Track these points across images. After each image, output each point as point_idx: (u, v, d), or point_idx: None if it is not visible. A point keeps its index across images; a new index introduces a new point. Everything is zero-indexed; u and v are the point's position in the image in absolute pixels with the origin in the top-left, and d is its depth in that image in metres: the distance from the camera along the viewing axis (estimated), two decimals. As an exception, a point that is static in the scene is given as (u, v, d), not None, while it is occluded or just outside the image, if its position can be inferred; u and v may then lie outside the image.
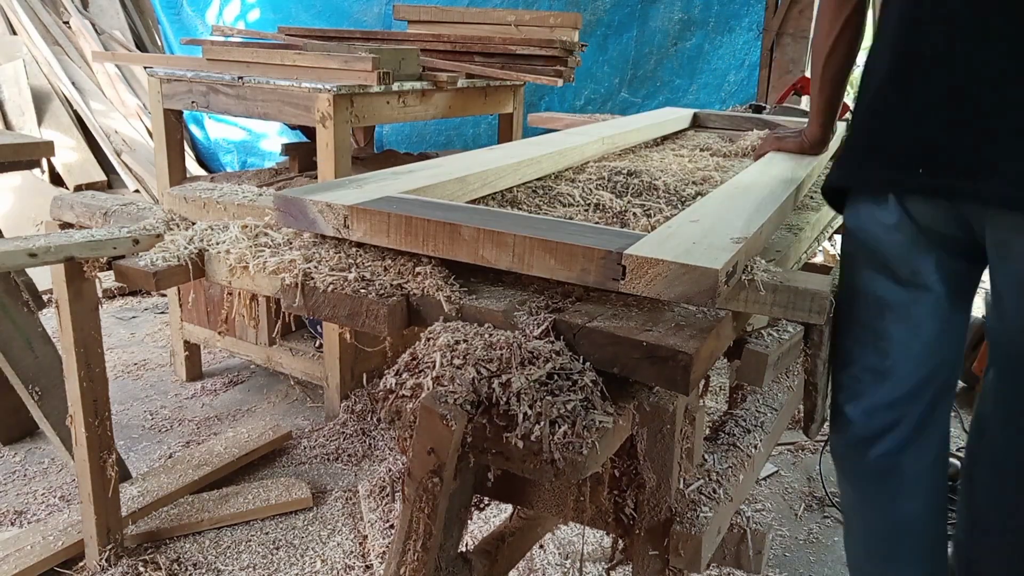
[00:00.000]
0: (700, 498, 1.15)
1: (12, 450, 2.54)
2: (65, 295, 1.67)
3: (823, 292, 1.06)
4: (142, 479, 2.23)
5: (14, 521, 2.16)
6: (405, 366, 0.97)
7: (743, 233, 1.11)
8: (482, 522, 2.14)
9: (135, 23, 5.50)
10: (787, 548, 2.20)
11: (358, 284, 1.12)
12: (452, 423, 0.87)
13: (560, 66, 3.04)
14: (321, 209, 1.22)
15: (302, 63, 2.53)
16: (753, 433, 1.41)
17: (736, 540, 1.19)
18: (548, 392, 0.90)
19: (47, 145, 2.37)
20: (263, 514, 2.19)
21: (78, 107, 4.77)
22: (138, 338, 3.51)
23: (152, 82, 2.80)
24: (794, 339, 1.21)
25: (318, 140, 2.48)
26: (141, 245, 1.49)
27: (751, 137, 2.27)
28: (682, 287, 0.97)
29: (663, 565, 1.14)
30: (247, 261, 1.26)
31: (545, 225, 1.13)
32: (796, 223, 1.54)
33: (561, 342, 0.98)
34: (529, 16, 3.24)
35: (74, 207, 1.74)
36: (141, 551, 2.01)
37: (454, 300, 1.07)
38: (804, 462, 2.65)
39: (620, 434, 0.98)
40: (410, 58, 2.68)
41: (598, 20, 4.44)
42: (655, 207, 1.51)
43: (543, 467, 0.86)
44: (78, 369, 1.73)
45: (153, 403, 2.90)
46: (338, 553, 2.06)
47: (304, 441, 2.62)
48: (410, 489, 0.97)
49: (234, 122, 5.09)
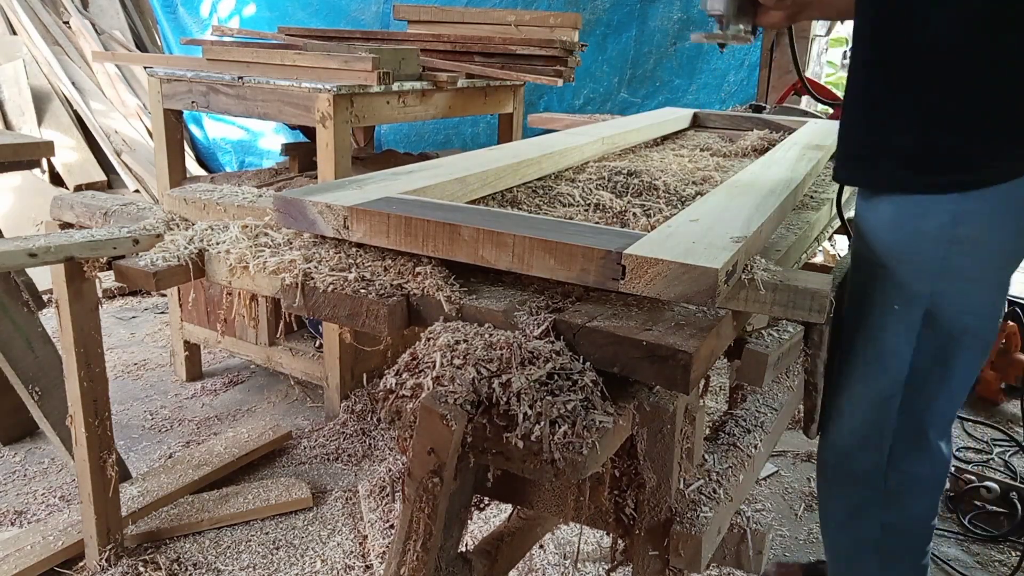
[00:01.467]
0: (700, 498, 1.16)
1: (12, 450, 2.54)
2: (65, 295, 1.67)
3: (823, 291, 1.06)
4: (142, 479, 2.23)
5: (14, 521, 2.16)
6: (405, 366, 0.97)
7: (743, 232, 1.11)
8: (482, 522, 2.14)
9: (135, 23, 5.50)
10: (787, 548, 2.20)
11: (358, 284, 1.12)
12: (452, 423, 0.87)
13: (560, 66, 3.04)
14: (321, 210, 1.22)
15: (302, 63, 2.53)
16: (753, 433, 1.41)
17: (736, 540, 1.19)
18: (548, 392, 0.90)
19: (47, 145, 2.37)
20: (263, 514, 2.19)
21: (78, 107, 4.77)
22: (138, 338, 3.51)
23: (152, 82, 2.80)
24: (794, 339, 1.21)
25: (318, 140, 2.48)
26: (141, 245, 1.49)
27: (751, 137, 2.27)
28: (682, 286, 0.97)
29: (663, 565, 1.14)
30: (247, 261, 1.26)
31: (545, 225, 1.13)
32: (796, 223, 1.54)
33: (561, 342, 0.98)
34: (529, 16, 3.24)
35: (74, 207, 1.74)
36: (141, 551, 2.01)
37: (454, 300, 1.07)
38: (804, 462, 2.65)
39: (620, 434, 0.98)
40: (410, 58, 2.68)
41: (597, 19, 4.44)
42: (655, 207, 1.51)
43: (543, 467, 0.86)
44: (78, 369, 1.73)
45: (153, 403, 2.90)
46: (338, 553, 2.06)
47: (304, 441, 2.62)
48: (410, 489, 0.97)
49: (232, 121, 5.09)
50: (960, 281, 1.25)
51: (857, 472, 1.42)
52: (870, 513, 1.44)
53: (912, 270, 1.26)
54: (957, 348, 1.28)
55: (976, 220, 1.21)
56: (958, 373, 1.32)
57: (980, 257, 1.23)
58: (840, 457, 1.44)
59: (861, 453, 1.40)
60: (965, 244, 1.22)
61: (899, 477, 1.39)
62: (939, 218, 1.22)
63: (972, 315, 1.27)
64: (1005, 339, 3.12)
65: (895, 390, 1.33)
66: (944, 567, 2.13)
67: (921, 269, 1.25)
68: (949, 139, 1.20)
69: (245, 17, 4.88)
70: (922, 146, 1.22)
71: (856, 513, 1.47)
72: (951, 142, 1.20)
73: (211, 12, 4.93)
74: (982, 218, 1.20)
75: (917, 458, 1.38)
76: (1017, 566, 2.12)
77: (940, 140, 1.20)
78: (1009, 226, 1.22)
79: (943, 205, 1.21)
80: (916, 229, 1.24)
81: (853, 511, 1.47)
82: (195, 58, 3.00)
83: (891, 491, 1.40)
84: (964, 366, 1.31)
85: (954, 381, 1.33)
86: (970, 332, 1.28)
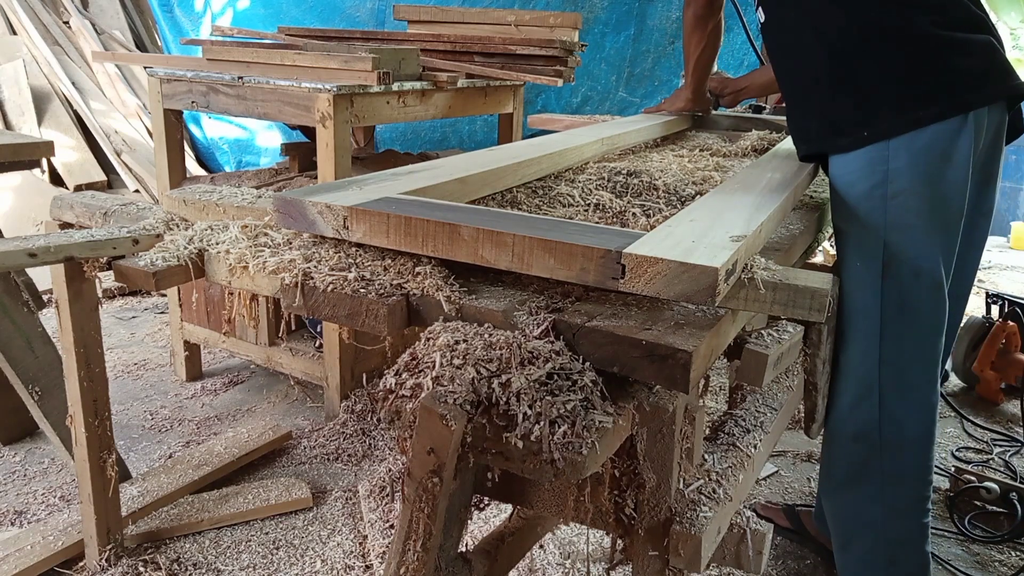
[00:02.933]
0: (700, 498, 1.16)
1: (12, 450, 2.54)
2: (65, 295, 1.67)
3: (823, 290, 1.06)
4: (142, 479, 2.23)
5: (14, 521, 2.17)
6: (405, 366, 0.97)
7: (743, 231, 1.11)
8: (482, 522, 2.14)
9: (135, 23, 5.50)
10: (787, 548, 2.20)
11: (358, 284, 1.12)
12: (452, 423, 0.87)
13: (560, 66, 3.04)
14: (320, 210, 1.22)
15: (302, 63, 2.53)
16: (753, 433, 1.41)
17: (736, 540, 1.19)
18: (548, 392, 0.90)
19: (47, 145, 2.37)
20: (263, 514, 2.19)
21: (78, 107, 4.77)
22: (138, 338, 3.51)
23: (152, 82, 2.80)
24: (794, 339, 1.21)
25: (318, 140, 2.48)
26: (141, 245, 1.49)
27: (751, 137, 2.27)
28: (682, 285, 0.97)
29: (663, 565, 1.14)
30: (247, 261, 1.26)
31: (544, 225, 1.13)
32: (796, 221, 1.54)
33: (561, 342, 0.98)
34: (529, 16, 3.24)
35: (74, 207, 1.74)
36: (141, 551, 2.01)
37: (454, 300, 1.07)
38: (804, 462, 2.65)
39: (620, 434, 0.98)
40: (410, 58, 2.68)
41: (595, 18, 4.44)
42: (655, 207, 1.51)
43: (543, 467, 0.86)
44: (78, 369, 1.73)
45: (153, 403, 2.90)
46: (338, 553, 2.06)
47: (304, 441, 2.62)
48: (410, 489, 0.97)
49: (230, 120, 5.09)
50: (904, 230, 1.42)
51: (854, 430, 1.54)
52: (870, 467, 1.56)
53: (862, 228, 1.44)
54: (918, 291, 1.44)
55: (898, 173, 1.40)
56: (924, 315, 1.46)
57: (911, 205, 1.41)
58: (838, 420, 1.55)
59: (855, 412, 1.52)
60: (898, 197, 1.40)
61: (891, 428, 1.51)
62: (872, 178, 1.41)
63: (924, 258, 1.43)
64: (1005, 339, 3.12)
65: (871, 345, 1.47)
66: (944, 567, 2.13)
67: (869, 225, 1.43)
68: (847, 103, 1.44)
69: (239, 11, 4.85)
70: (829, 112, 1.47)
71: (857, 471, 1.58)
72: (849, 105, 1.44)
73: (205, 6, 4.91)
74: (901, 170, 1.39)
75: (903, 405, 1.51)
76: (1022, 567, 2.12)
77: (841, 106, 1.45)
78: (921, 172, 1.40)
79: (873, 165, 1.41)
80: (855, 190, 1.44)
81: (853, 469, 1.58)
82: (195, 58, 3.00)
83: (887, 442, 1.53)
84: (928, 308, 1.46)
85: (922, 322, 1.47)
86: (924, 273, 1.44)
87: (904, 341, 1.47)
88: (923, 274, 1.44)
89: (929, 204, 1.42)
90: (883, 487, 1.56)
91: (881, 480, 1.56)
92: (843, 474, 1.61)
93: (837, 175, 1.49)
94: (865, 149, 1.42)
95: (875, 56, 1.42)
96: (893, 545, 1.60)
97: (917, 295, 1.45)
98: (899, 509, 1.58)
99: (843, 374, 1.51)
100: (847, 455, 1.58)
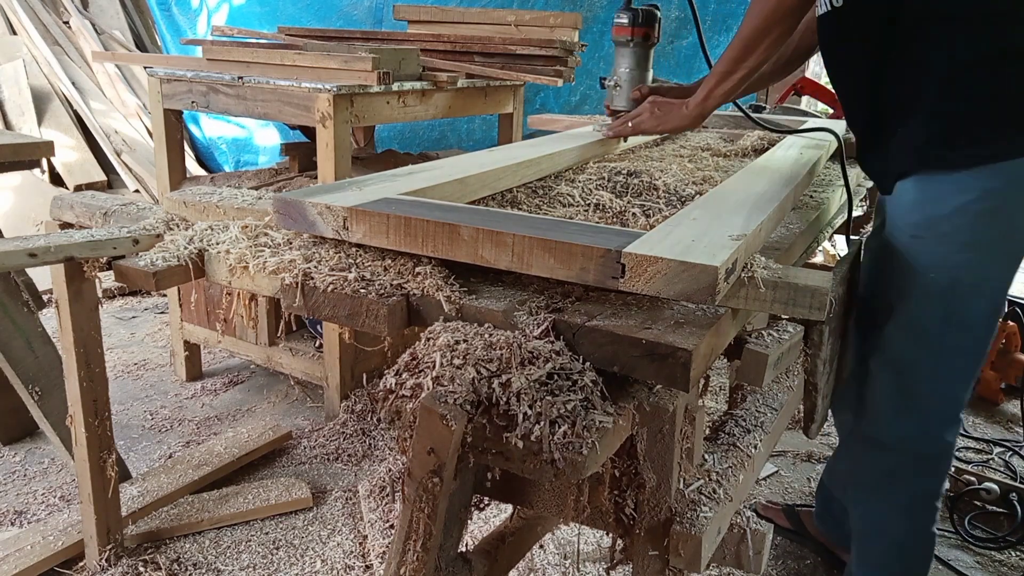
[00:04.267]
0: (700, 498, 1.15)
1: (12, 450, 2.54)
2: (65, 295, 1.67)
3: (823, 288, 1.06)
4: (142, 479, 2.23)
5: (14, 521, 2.17)
6: (405, 366, 0.97)
7: (742, 231, 1.11)
8: (482, 522, 2.14)
9: (135, 23, 5.50)
10: (787, 548, 2.20)
11: (358, 284, 1.12)
12: (452, 423, 0.87)
13: (560, 66, 3.04)
14: (320, 211, 1.22)
15: (302, 63, 2.53)
16: (753, 433, 1.41)
17: (736, 540, 1.19)
18: (548, 392, 0.90)
19: (47, 145, 2.37)
20: (263, 514, 2.19)
21: (78, 107, 4.77)
22: (138, 338, 3.51)
23: (152, 82, 2.80)
24: (794, 339, 1.21)
25: (318, 140, 2.48)
26: (141, 245, 1.49)
27: (751, 137, 2.27)
28: (681, 285, 0.97)
29: (663, 565, 1.14)
30: (247, 261, 1.26)
31: (544, 224, 1.13)
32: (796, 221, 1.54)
33: (561, 342, 0.98)
34: (529, 16, 3.24)
35: (74, 207, 1.74)
36: (141, 551, 2.01)
37: (454, 300, 1.07)
38: (804, 462, 2.65)
39: (620, 434, 0.97)
40: (410, 58, 2.68)
41: (594, 17, 4.44)
42: (655, 207, 1.51)
43: (543, 467, 0.86)
44: (78, 369, 1.73)
45: (153, 403, 2.90)
46: (338, 553, 2.06)
47: (304, 441, 2.62)
48: (410, 489, 0.97)
49: (229, 119, 5.08)
50: (983, 250, 1.39)
51: (890, 438, 1.55)
52: (902, 478, 1.58)
53: (941, 242, 1.40)
54: (979, 310, 1.44)
55: (998, 195, 1.34)
56: (979, 335, 1.47)
57: (999, 227, 1.37)
58: (872, 424, 1.56)
59: (894, 419, 1.53)
60: (988, 217, 1.36)
61: (933, 444, 1.53)
62: (967, 194, 1.35)
63: (994, 280, 1.43)
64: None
65: (921, 356, 1.47)
66: (944, 567, 2.13)
67: (951, 241, 1.39)
68: (961, 121, 1.34)
69: (235, 7, 4.84)
70: (937, 129, 1.37)
71: (886, 479, 1.60)
72: (964, 124, 1.34)
73: (201, 3, 4.89)
74: (998, 191, 1.34)
75: (944, 420, 1.52)
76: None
77: (953, 123, 1.35)
78: (1017, 197, 1.35)
79: (968, 182, 1.34)
80: (946, 205, 1.38)
81: (883, 476, 1.60)
82: (195, 58, 3.00)
83: (927, 456, 1.55)
84: (984, 330, 1.47)
85: (975, 342, 1.47)
86: (988, 295, 1.43)
87: (956, 358, 1.48)
88: (987, 296, 1.44)
89: (1013, 229, 1.40)
90: (912, 498, 1.60)
91: (912, 497, 1.59)
92: (870, 480, 1.64)
93: (924, 188, 1.41)
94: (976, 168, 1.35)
95: (1003, 76, 1.32)
96: (910, 557, 1.65)
97: (977, 314, 1.44)
98: (922, 521, 1.62)
99: (883, 376, 1.52)
100: (876, 461, 1.60)
